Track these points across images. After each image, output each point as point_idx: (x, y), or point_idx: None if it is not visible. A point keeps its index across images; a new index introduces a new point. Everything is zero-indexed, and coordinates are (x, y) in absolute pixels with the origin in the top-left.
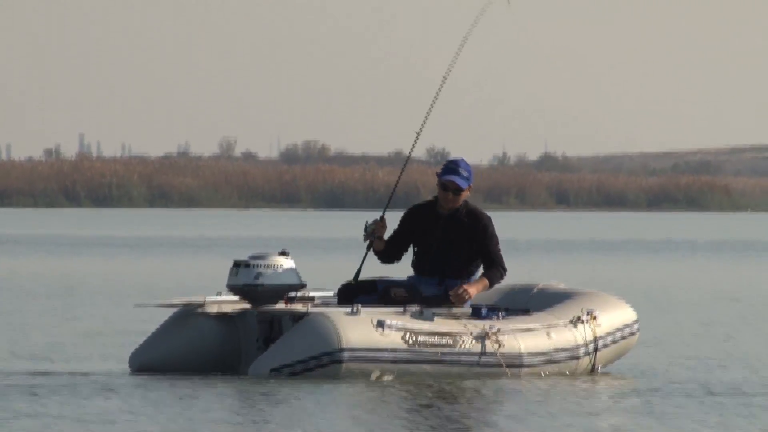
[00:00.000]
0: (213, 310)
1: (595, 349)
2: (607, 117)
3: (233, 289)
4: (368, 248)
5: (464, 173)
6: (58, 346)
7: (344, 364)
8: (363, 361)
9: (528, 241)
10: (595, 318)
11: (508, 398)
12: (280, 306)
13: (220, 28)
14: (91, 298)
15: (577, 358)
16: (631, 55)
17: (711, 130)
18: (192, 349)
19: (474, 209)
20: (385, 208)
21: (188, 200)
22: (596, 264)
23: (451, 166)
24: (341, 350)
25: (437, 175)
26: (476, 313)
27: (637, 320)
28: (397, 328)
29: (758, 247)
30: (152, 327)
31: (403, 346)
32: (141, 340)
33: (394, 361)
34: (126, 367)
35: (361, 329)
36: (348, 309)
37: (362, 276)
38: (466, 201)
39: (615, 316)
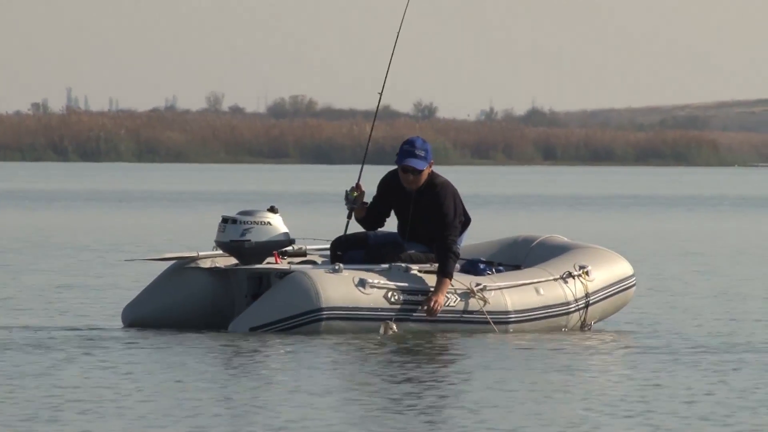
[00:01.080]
0: (206, 264)
1: (587, 305)
2: (594, 72)
3: (221, 245)
4: (349, 216)
5: (421, 153)
6: (45, 301)
7: (323, 323)
8: (343, 320)
9: (515, 196)
10: (587, 273)
11: (491, 354)
12: (269, 263)
13: None
14: (80, 253)
15: (568, 313)
16: (619, 10)
17: (698, 85)
18: (185, 304)
19: (436, 185)
20: (360, 171)
21: (176, 154)
22: (584, 218)
23: (407, 149)
24: (320, 309)
25: (395, 161)
26: (474, 267)
27: (633, 275)
28: (379, 287)
29: (750, 202)
30: (141, 282)
31: (386, 304)
32: (130, 294)
33: (376, 319)
34: (118, 321)
35: (341, 288)
36: (330, 267)
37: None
38: (432, 175)
39: (609, 271)
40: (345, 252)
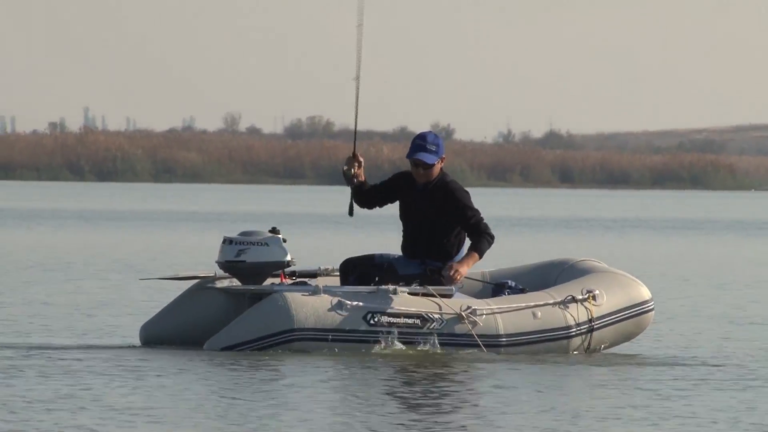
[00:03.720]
0: (223, 284)
1: (590, 330)
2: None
3: (219, 264)
4: (353, 191)
5: (432, 147)
6: (59, 320)
7: (295, 344)
8: (315, 341)
9: (531, 219)
10: (594, 297)
11: (474, 376)
12: (273, 283)
13: (226, 2)
14: (95, 272)
15: (568, 338)
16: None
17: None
18: (201, 323)
19: (447, 183)
20: (354, 139)
21: (192, 175)
22: (600, 241)
23: (418, 143)
24: (292, 330)
25: (407, 155)
26: (499, 291)
27: (650, 300)
28: (357, 308)
29: (763, 226)
30: (156, 301)
31: (363, 326)
32: (146, 312)
33: (352, 341)
34: (135, 339)
35: (316, 309)
36: (309, 289)
37: (363, 252)
38: (443, 174)
39: (621, 295)
40: (351, 273)
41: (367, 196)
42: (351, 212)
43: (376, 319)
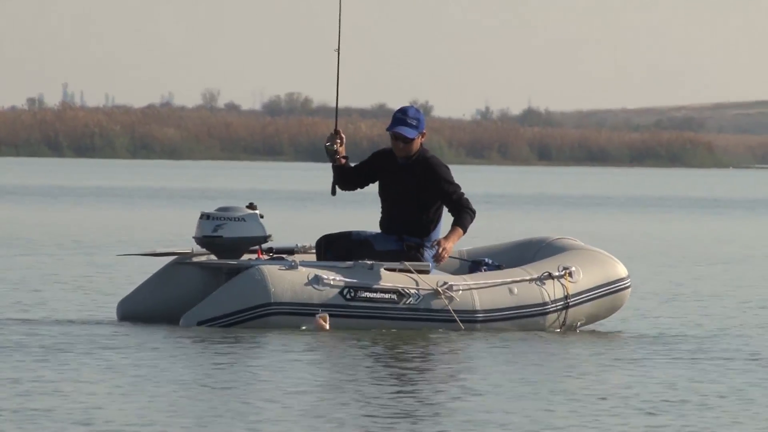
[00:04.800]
0: (201, 260)
1: (566, 306)
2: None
3: (197, 240)
4: (335, 172)
5: (413, 122)
6: (36, 296)
7: (272, 318)
8: (292, 315)
9: (509, 196)
10: (570, 274)
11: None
12: (250, 258)
13: None
14: (74, 248)
15: (544, 314)
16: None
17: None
18: (179, 299)
19: (428, 158)
20: (336, 114)
21: (170, 151)
22: (578, 219)
23: (399, 116)
24: (269, 304)
25: (387, 128)
26: (476, 268)
27: (626, 277)
28: (334, 283)
29: (742, 204)
30: (134, 277)
31: (340, 300)
32: (124, 289)
33: (329, 315)
34: (112, 315)
35: (293, 284)
36: (286, 263)
37: (340, 229)
38: (423, 149)
39: (598, 272)
40: (328, 250)
41: (348, 177)
42: (334, 192)
43: (353, 294)
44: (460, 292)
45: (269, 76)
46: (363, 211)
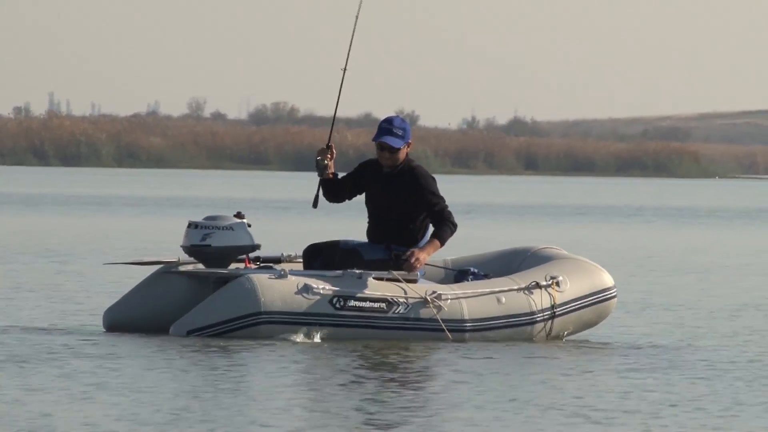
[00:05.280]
0: (188, 269)
1: (552, 316)
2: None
3: (184, 249)
4: (320, 184)
5: (399, 132)
6: (21, 304)
7: (262, 327)
8: (282, 324)
9: (495, 206)
10: (557, 284)
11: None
12: (238, 267)
13: None
14: (59, 257)
15: (532, 324)
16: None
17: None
18: (165, 308)
19: (413, 168)
20: (331, 130)
21: (157, 160)
22: (564, 228)
23: (385, 126)
24: (259, 313)
25: (373, 138)
26: (462, 277)
27: (613, 287)
28: (324, 292)
29: (726, 213)
30: (120, 286)
31: (330, 309)
32: (110, 298)
33: (319, 324)
34: (98, 324)
35: (283, 293)
36: (275, 272)
37: (329, 239)
38: (409, 159)
39: (585, 282)
40: (316, 259)
41: (335, 190)
42: (315, 204)
43: (342, 303)
44: (449, 301)
45: (255, 85)
46: (348, 221)
